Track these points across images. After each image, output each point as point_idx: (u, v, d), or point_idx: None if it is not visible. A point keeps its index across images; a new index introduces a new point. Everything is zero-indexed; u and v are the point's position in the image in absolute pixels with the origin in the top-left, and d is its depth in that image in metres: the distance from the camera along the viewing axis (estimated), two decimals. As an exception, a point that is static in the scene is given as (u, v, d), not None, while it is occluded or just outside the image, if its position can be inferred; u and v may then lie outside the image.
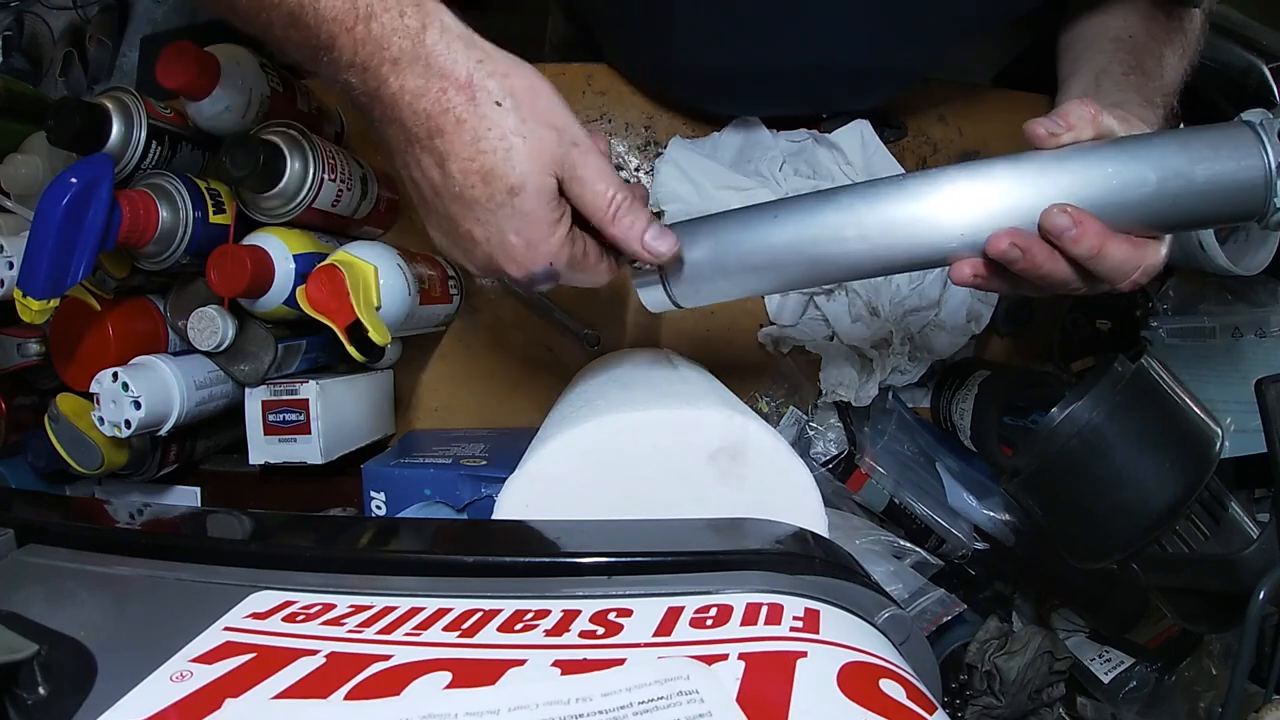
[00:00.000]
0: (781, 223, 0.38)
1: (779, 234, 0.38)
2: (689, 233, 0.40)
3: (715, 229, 0.40)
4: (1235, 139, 0.33)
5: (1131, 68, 0.48)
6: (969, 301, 0.66)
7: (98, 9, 1.44)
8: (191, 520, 0.39)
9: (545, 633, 0.24)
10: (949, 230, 0.36)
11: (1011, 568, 0.67)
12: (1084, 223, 0.34)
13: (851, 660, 0.23)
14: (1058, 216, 0.34)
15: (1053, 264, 0.36)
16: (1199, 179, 0.33)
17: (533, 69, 0.35)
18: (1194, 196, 0.34)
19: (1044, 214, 0.35)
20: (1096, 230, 0.34)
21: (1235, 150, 0.33)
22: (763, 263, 0.39)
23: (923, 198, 0.37)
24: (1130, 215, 0.35)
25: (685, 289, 0.41)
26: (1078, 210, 0.34)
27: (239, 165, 0.48)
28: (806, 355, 0.68)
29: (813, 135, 0.65)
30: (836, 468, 0.64)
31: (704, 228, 0.40)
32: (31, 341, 0.57)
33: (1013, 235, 0.35)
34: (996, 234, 0.36)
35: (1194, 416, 0.43)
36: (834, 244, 0.38)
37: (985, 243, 0.36)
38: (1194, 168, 0.33)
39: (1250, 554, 0.41)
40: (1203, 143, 0.34)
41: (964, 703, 0.57)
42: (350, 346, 0.48)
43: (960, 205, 0.36)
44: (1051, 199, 0.35)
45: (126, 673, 0.22)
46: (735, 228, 0.39)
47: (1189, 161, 0.33)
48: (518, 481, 0.37)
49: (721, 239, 0.39)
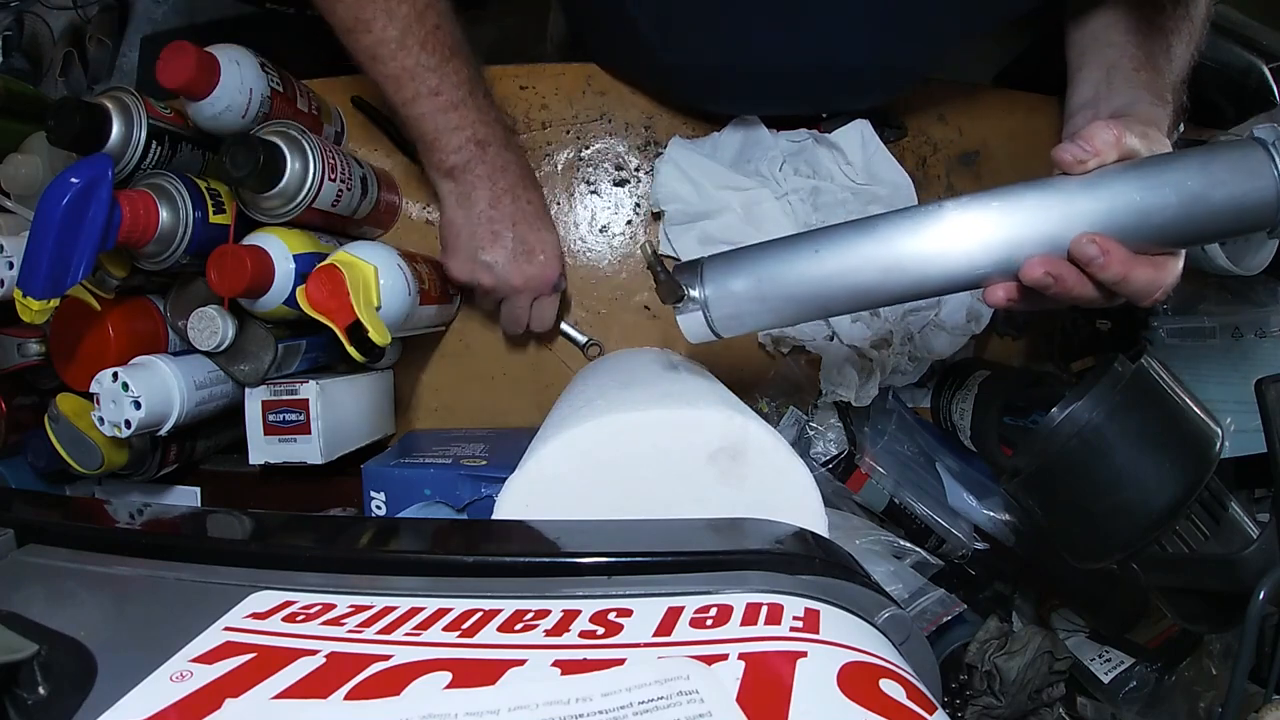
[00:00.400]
0: (822, 257, 0.40)
1: (819, 267, 0.40)
2: (729, 263, 0.41)
3: (756, 261, 0.41)
4: (1250, 160, 0.35)
5: (1142, 63, 0.49)
6: (969, 301, 0.66)
7: (98, 9, 1.44)
8: (191, 520, 0.39)
9: (545, 633, 0.24)
10: (983, 258, 0.39)
11: (1011, 568, 0.67)
12: (1111, 251, 0.36)
13: (851, 660, 0.23)
14: (1087, 246, 0.36)
15: (1082, 287, 0.38)
16: (1217, 200, 0.35)
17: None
18: (1212, 217, 0.36)
19: (1074, 243, 0.37)
20: (1122, 258, 0.37)
21: (1251, 171, 0.35)
22: (804, 294, 0.40)
23: (959, 227, 0.38)
24: (1152, 236, 0.37)
25: (727, 320, 0.42)
26: (1105, 239, 0.37)
27: (239, 165, 0.48)
28: (806, 355, 0.68)
29: (813, 135, 0.65)
30: (836, 468, 0.64)
31: (745, 259, 0.41)
32: (31, 341, 0.57)
33: (1046, 264, 0.37)
34: (1031, 262, 0.38)
35: (1194, 416, 0.43)
36: (873, 274, 0.39)
37: (1020, 268, 0.38)
38: (1213, 191, 0.35)
39: (1250, 554, 0.41)
40: (1220, 165, 0.35)
41: (964, 703, 0.57)
42: (350, 346, 0.48)
43: (993, 233, 0.38)
44: (1081, 227, 0.37)
45: (126, 673, 0.22)
46: (776, 261, 0.40)
47: (1208, 185, 0.35)
48: (518, 481, 0.37)
49: (763, 272, 0.40)
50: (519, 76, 0.67)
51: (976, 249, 0.38)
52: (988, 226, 0.38)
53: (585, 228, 0.68)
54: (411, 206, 0.67)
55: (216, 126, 0.52)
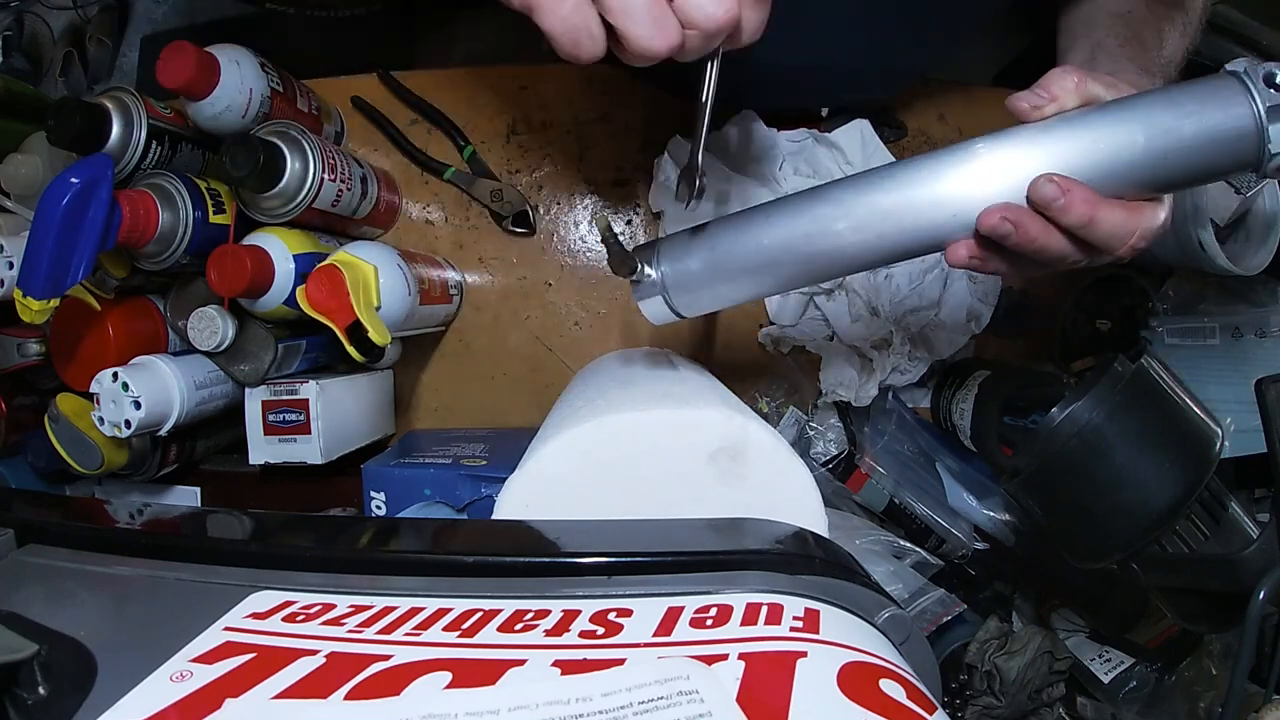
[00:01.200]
0: (774, 222, 0.38)
1: (772, 233, 0.38)
2: (685, 243, 0.41)
3: (710, 235, 0.40)
4: (1221, 90, 0.33)
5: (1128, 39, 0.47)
6: (969, 301, 0.66)
7: (98, 9, 1.44)
8: (191, 520, 0.39)
9: (545, 633, 0.24)
10: (939, 212, 0.36)
11: (1011, 568, 0.67)
12: (1071, 190, 0.34)
13: (851, 660, 0.23)
14: (1044, 186, 0.34)
15: (1047, 237, 0.35)
16: (1188, 134, 0.33)
17: None
18: (1186, 153, 0.33)
19: (1031, 185, 0.34)
20: (1084, 198, 0.34)
21: (1223, 101, 0.32)
22: (759, 264, 0.39)
23: (911, 182, 0.36)
24: (1123, 179, 0.34)
25: (685, 298, 0.41)
26: (1065, 179, 0.34)
27: (239, 165, 0.48)
28: (806, 355, 0.68)
29: (813, 135, 0.65)
30: (836, 468, 0.64)
31: (699, 236, 0.40)
32: (31, 341, 0.57)
33: (1004, 210, 0.35)
34: (988, 209, 0.35)
35: (1194, 416, 0.43)
36: (828, 238, 0.38)
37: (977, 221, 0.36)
38: (1182, 123, 0.33)
39: (1250, 554, 0.41)
40: (1188, 97, 0.33)
41: (964, 703, 0.57)
42: (350, 346, 0.48)
43: (948, 186, 0.36)
44: (1039, 170, 0.34)
45: (126, 673, 0.22)
46: (729, 232, 0.40)
47: (1176, 118, 0.33)
48: (518, 481, 0.37)
49: (717, 244, 0.40)
50: (519, 76, 0.67)
51: (933, 203, 0.36)
52: (941, 179, 0.36)
53: (585, 228, 0.68)
54: (411, 206, 0.67)
55: (216, 126, 0.52)
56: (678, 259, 0.40)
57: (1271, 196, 0.60)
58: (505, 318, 0.68)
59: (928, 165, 0.36)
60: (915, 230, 0.37)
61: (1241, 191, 0.58)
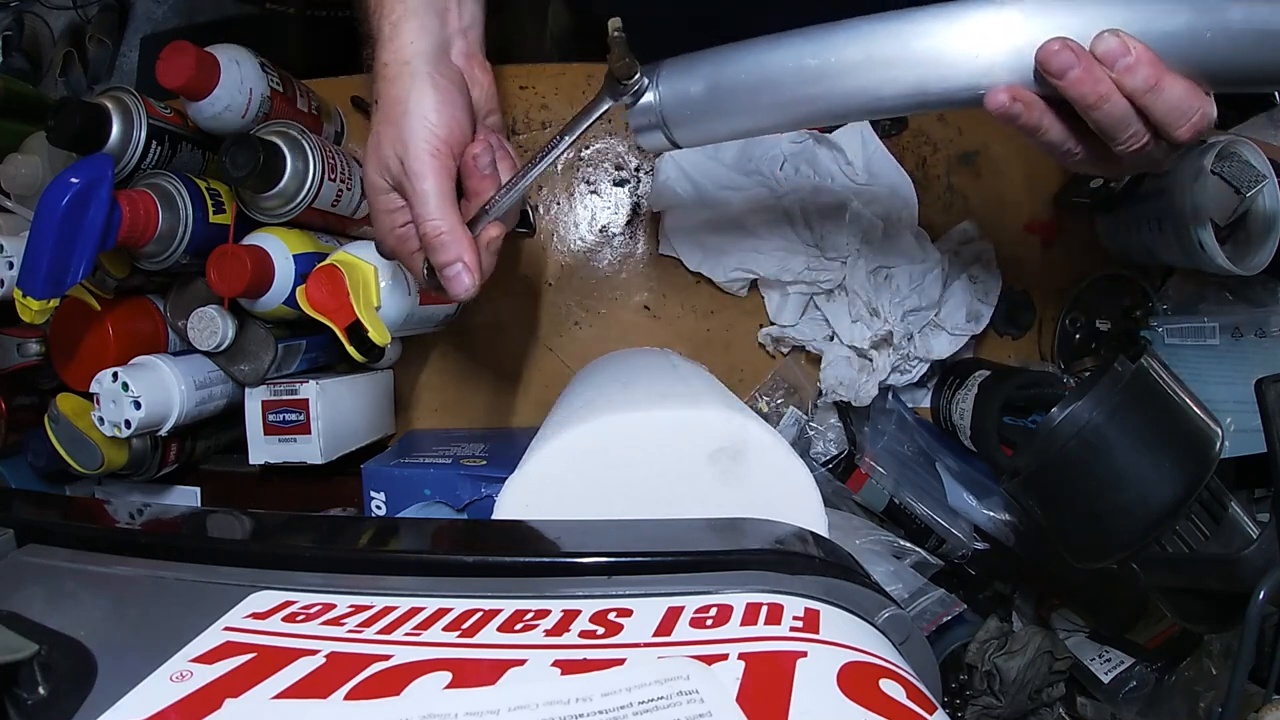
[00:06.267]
0: (784, 48, 0.36)
1: (780, 59, 0.36)
2: (688, 67, 0.38)
3: (716, 58, 0.38)
4: None
5: None
6: (969, 301, 0.66)
7: (98, 9, 1.44)
8: (191, 520, 0.39)
9: (545, 633, 0.24)
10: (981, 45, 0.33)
11: (1011, 568, 0.67)
12: (1139, 49, 0.31)
13: (851, 660, 0.23)
14: (1109, 39, 0.31)
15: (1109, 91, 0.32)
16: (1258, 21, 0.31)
17: (424, 82, 0.39)
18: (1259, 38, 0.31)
19: (1096, 38, 0.31)
20: (1151, 59, 0.31)
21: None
22: (763, 91, 0.36)
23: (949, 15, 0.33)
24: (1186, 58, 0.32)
25: (684, 128, 0.39)
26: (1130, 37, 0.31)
27: (239, 165, 0.48)
28: (806, 355, 0.68)
29: (813, 135, 0.65)
30: (836, 468, 0.64)
31: (704, 59, 0.38)
32: (31, 341, 0.57)
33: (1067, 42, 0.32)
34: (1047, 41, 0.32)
35: (1194, 416, 0.43)
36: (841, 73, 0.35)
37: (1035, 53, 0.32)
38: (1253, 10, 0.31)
39: (1250, 554, 0.41)
40: None
41: (964, 703, 0.57)
42: (350, 346, 0.48)
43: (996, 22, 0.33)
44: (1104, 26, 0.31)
45: (126, 673, 0.22)
46: (736, 55, 0.37)
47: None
48: (518, 481, 0.37)
49: (722, 68, 0.37)
50: (519, 76, 0.67)
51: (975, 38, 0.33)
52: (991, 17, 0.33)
53: (585, 228, 0.68)
54: (411, 206, 0.67)
55: (216, 126, 0.52)
56: (678, 80, 0.38)
57: (1271, 196, 0.60)
58: (505, 318, 0.68)
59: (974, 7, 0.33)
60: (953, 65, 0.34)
61: (1241, 191, 0.58)
